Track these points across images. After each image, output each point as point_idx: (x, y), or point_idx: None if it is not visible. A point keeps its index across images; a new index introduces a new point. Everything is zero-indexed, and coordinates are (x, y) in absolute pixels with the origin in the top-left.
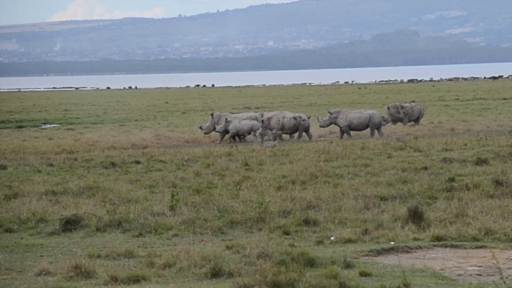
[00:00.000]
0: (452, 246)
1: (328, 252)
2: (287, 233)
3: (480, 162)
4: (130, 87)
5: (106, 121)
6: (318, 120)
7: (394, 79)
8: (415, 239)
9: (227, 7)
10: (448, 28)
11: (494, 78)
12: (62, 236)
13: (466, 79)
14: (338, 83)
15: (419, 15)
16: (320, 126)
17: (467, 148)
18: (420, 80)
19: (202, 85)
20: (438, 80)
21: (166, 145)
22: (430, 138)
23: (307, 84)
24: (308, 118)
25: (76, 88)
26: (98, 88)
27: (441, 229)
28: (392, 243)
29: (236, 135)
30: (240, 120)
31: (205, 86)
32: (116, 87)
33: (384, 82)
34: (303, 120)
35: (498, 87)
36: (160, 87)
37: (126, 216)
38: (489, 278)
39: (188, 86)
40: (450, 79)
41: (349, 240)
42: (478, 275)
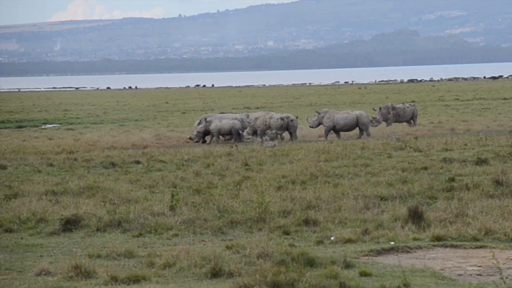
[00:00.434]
0: (452, 246)
1: (328, 252)
2: (287, 233)
3: (480, 162)
4: (130, 87)
5: (106, 121)
6: (307, 121)
7: (394, 79)
8: (415, 239)
9: (227, 7)
10: (448, 28)
11: (494, 78)
12: (62, 236)
13: (466, 79)
14: (338, 83)
15: (419, 15)
16: (310, 126)
17: (467, 148)
18: (420, 80)
19: (202, 85)
20: (438, 80)
21: (166, 145)
22: (430, 138)
23: (307, 84)
24: (296, 118)
25: (76, 88)
26: (98, 88)
27: (441, 229)
28: (392, 243)
29: (218, 135)
30: (221, 120)
31: (205, 86)
32: (116, 87)
33: (384, 82)
34: (291, 121)
35: (498, 87)
36: (160, 87)
37: (126, 216)
38: (489, 278)
39: (188, 86)
40: (450, 79)
41: (349, 240)
42: (478, 275)
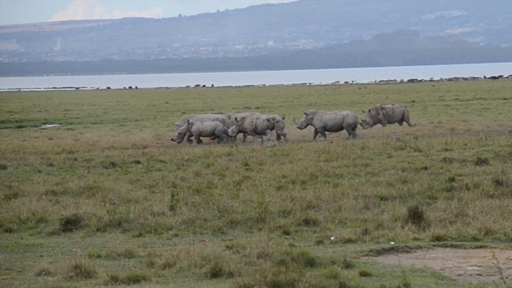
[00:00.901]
0: (452, 246)
1: (328, 252)
2: (287, 233)
3: (480, 162)
4: (130, 87)
5: (106, 121)
6: (294, 122)
7: (394, 79)
8: (415, 239)
9: (227, 7)
10: (448, 28)
11: (494, 78)
12: (62, 236)
13: (466, 79)
14: (338, 83)
15: (419, 15)
16: (297, 127)
17: (467, 148)
18: (420, 80)
19: (202, 85)
20: (438, 80)
21: (166, 145)
22: (430, 138)
23: (307, 84)
24: (282, 118)
25: (76, 88)
26: (98, 88)
27: (441, 229)
28: (392, 243)
29: (199, 137)
30: (203, 121)
31: (204, 86)
32: (116, 87)
33: (384, 82)
34: (277, 122)
35: (498, 87)
36: (160, 87)
37: (126, 216)
38: (489, 278)
39: (188, 86)
40: (450, 79)
41: (349, 240)
42: (478, 275)
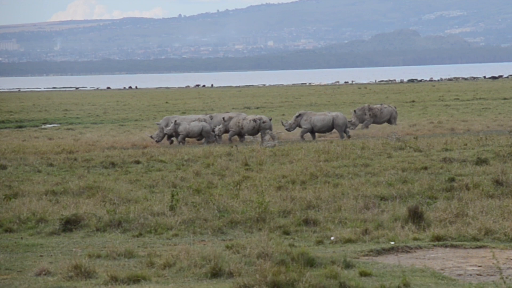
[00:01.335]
0: (452, 246)
1: (328, 252)
2: (287, 233)
3: (480, 162)
4: (130, 87)
5: (106, 121)
6: (282, 124)
7: (394, 79)
8: (415, 239)
9: (227, 7)
10: (448, 28)
11: (494, 78)
12: (62, 236)
13: (466, 79)
14: (338, 83)
15: (419, 15)
16: (286, 129)
17: (467, 148)
18: (420, 80)
19: (202, 85)
20: (438, 80)
21: (166, 145)
22: (430, 138)
23: (307, 84)
24: (269, 120)
25: (76, 88)
26: (98, 88)
27: (441, 229)
28: (392, 243)
29: (184, 138)
30: (190, 122)
31: (204, 86)
32: (116, 87)
33: (384, 82)
34: (263, 122)
35: (498, 87)
36: (160, 87)
37: (126, 216)
38: (489, 278)
39: (188, 86)
40: (450, 79)
41: (349, 240)
42: (478, 275)
